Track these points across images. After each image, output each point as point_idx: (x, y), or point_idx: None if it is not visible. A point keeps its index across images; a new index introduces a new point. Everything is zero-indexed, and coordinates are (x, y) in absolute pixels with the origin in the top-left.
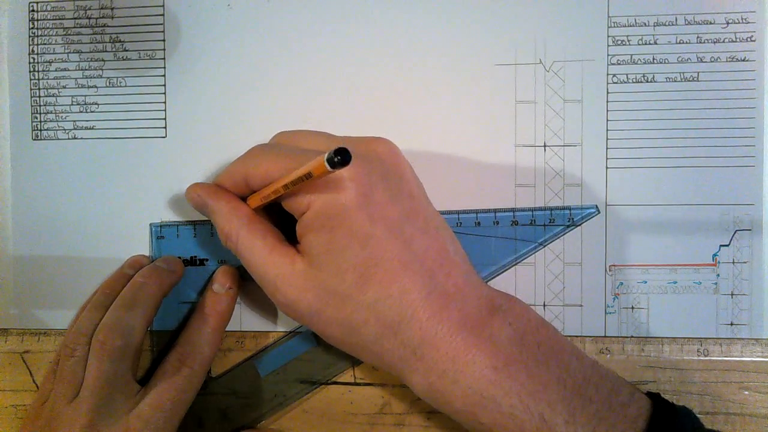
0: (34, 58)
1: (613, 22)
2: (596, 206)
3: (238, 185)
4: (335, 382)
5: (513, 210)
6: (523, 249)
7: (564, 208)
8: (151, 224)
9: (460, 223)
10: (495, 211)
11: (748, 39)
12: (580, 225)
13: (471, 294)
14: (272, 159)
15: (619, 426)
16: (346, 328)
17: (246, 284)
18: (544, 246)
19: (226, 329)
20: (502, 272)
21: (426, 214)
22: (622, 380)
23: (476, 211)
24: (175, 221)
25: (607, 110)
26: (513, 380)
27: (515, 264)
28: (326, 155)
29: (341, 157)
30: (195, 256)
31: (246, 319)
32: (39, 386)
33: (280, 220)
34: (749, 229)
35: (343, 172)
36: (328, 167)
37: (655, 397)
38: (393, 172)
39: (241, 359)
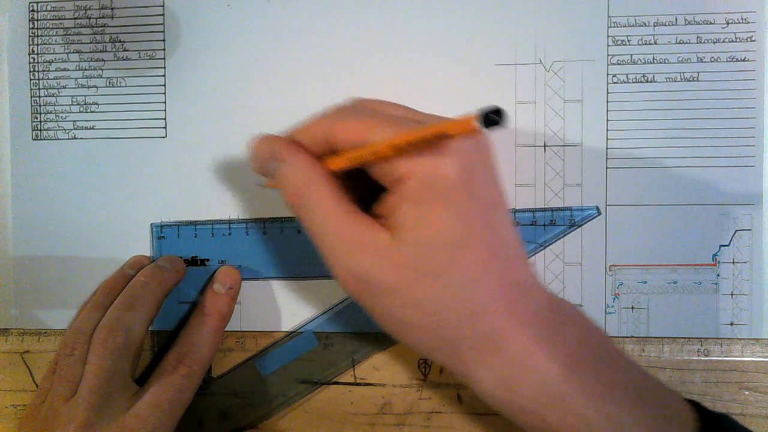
0: (34, 58)
1: (613, 22)
2: (597, 207)
3: (316, 143)
4: (335, 382)
5: (514, 210)
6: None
7: (564, 209)
8: (152, 224)
9: None
10: None
11: (748, 39)
12: (581, 226)
13: (538, 291)
14: (366, 120)
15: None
16: (424, 310)
17: (247, 284)
18: (545, 247)
19: (226, 329)
20: None
21: (507, 205)
22: (667, 385)
23: None
24: (176, 221)
25: (607, 110)
26: (582, 379)
27: None
28: (479, 112)
29: (497, 115)
30: (196, 256)
31: (246, 319)
32: (38, 385)
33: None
34: (749, 229)
35: (454, 143)
36: (479, 126)
37: (695, 404)
38: (487, 156)
39: (242, 359)
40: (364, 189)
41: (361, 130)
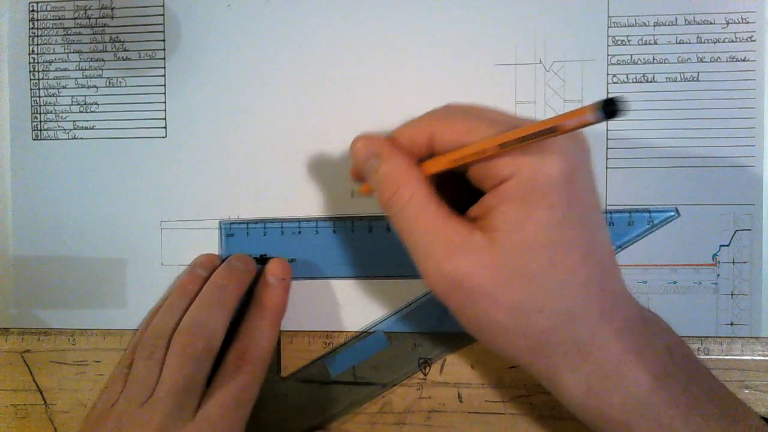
0: (34, 58)
1: (613, 22)
2: (676, 208)
3: (417, 144)
4: (336, 382)
5: None
6: None
7: (642, 210)
8: (220, 221)
9: None
10: None
11: (748, 39)
12: (660, 227)
13: (629, 300)
14: (468, 120)
15: None
16: (518, 314)
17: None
18: (623, 249)
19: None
20: None
21: (601, 209)
22: (743, 402)
23: None
24: (245, 219)
25: None
26: (671, 392)
27: None
28: (596, 103)
29: (615, 106)
30: (264, 255)
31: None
32: (106, 387)
33: None
34: (749, 229)
35: (558, 143)
36: (598, 116)
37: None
38: (588, 157)
39: (310, 360)
40: (457, 194)
41: (464, 130)
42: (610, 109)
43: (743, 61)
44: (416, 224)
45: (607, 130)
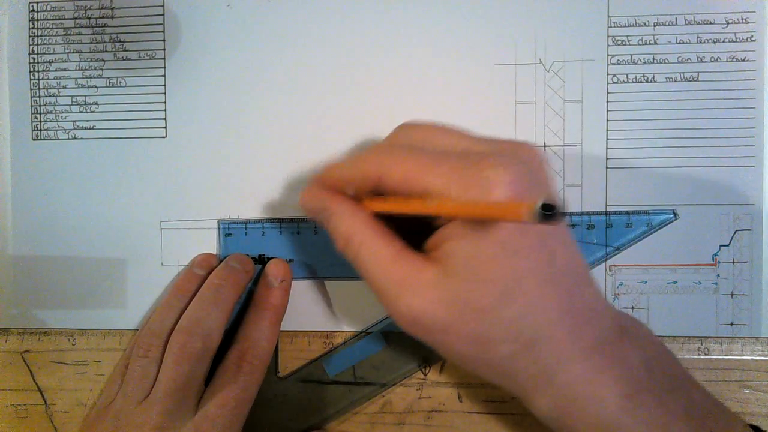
0: (34, 58)
1: (613, 22)
2: (674, 211)
3: (366, 180)
4: (335, 382)
5: (588, 214)
6: (599, 253)
7: (641, 213)
8: (219, 221)
9: None
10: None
11: (748, 39)
12: (658, 229)
13: (603, 315)
14: (416, 159)
15: None
16: (479, 345)
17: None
18: (620, 251)
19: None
20: None
21: (565, 227)
22: (731, 412)
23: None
24: (244, 219)
25: (607, 110)
26: (644, 409)
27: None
28: (535, 207)
29: (552, 212)
30: (263, 255)
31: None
32: (104, 387)
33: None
34: (749, 229)
35: (498, 176)
36: (536, 219)
37: (756, 429)
38: (540, 181)
39: (309, 360)
40: (421, 221)
41: (410, 170)
42: (549, 214)
43: (743, 61)
44: (370, 268)
45: (607, 130)
